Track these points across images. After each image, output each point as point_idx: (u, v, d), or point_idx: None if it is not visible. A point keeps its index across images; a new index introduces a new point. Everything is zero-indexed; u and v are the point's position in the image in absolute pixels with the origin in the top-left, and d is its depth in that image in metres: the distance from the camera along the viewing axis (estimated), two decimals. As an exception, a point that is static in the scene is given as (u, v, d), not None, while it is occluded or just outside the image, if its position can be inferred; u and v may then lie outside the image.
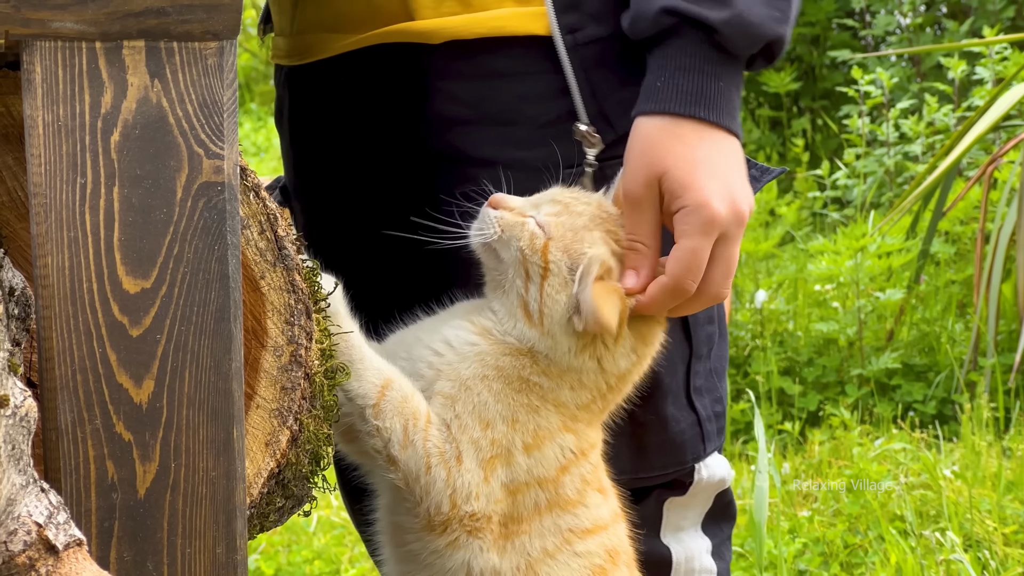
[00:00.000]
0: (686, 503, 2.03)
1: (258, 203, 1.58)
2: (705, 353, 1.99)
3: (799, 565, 3.70)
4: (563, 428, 1.74)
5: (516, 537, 1.72)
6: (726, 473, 2.05)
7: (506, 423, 1.72)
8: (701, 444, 1.99)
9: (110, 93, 1.40)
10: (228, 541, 1.46)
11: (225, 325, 1.44)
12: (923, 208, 5.30)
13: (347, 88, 2.00)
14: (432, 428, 1.71)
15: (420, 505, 1.72)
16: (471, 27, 1.87)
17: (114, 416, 1.42)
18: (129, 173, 1.41)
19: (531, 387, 1.74)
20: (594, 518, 1.76)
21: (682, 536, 2.04)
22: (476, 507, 1.70)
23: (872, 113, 6.81)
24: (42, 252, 1.39)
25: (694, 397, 1.98)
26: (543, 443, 1.73)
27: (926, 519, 3.85)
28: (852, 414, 4.65)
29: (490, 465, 1.71)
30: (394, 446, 1.70)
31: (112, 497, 1.43)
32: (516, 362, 1.74)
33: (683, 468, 1.99)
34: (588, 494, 1.76)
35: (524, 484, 1.72)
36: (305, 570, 3.91)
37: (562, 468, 1.73)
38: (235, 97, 1.44)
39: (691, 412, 1.98)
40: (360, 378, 1.70)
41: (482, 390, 1.73)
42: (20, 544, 1.28)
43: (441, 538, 1.72)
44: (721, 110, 1.75)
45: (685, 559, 2.03)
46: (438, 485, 1.70)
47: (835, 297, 5.45)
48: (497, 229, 1.75)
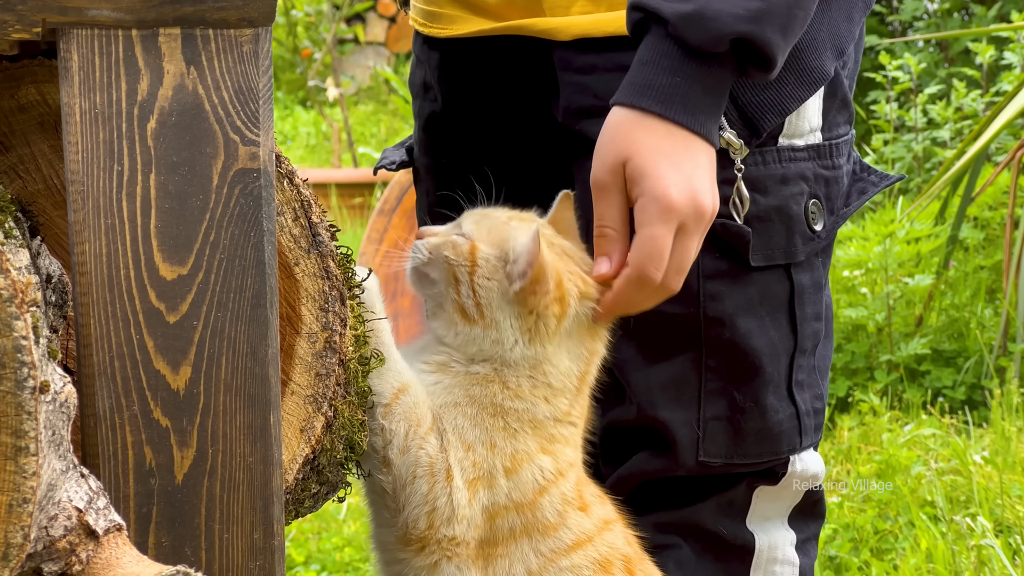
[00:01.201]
0: (777, 494, 2.03)
1: (292, 189, 1.59)
2: (810, 348, 2.00)
3: (829, 551, 3.70)
4: (540, 451, 1.73)
5: (495, 560, 1.72)
6: (819, 470, 2.05)
7: (485, 447, 1.71)
8: (798, 437, 2.00)
9: (146, 80, 1.40)
10: (265, 527, 1.47)
11: (261, 311, 1.45)
12: (952, 194, 5.28)
13: (481, 69, 2.04)
14: (431, 437, 1.70)
15: (399, 515, 1.71)
16: (600, 26, 1.90)
17: (152, 402, 1.43)
18: (165, 160, 1.41)
19: (506, 412, 1.73)
20: (576, 535, 1.75)
21: (767, 525, 2.04)
22: (457, 531, 1.69)
23: (900, 99, 6.79)
24: (79, 239, 1.40)
25: (795, 390, 1.98)
26: (521, 466, 1.72)
27: (956, 505, 3.85)
28: (881, 400, 4.64)
29: (472, 487, 1.70)
30: (392, 449, 1.70)
31: (150, 483, 1.43)
32: (486, 391, 1.74)
33: (778, 458, 1.99)
34: (569, 515, 1.75)
35: (503, 508, 1.71)
36: (335, 557, 3.92)
37: (540, 491, 1.72)
38: (270, 84, 1.45)
39: (791, 404, 1.98)
40: (381, 376, 1.71)
41: (457, 415, 1.72)
42: (61, 529, 1.28)
43: (418, 558, 1.71)
44: (687, 109, 1.75)
45: (768, 547, 2.04)
46: (416, 498, 1.70)
47: (864, 283, 5.44)
48: (425, 253, 1.77)
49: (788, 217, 1.94)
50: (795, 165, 1.94)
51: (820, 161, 1.97)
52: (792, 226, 1.94)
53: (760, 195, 1.91)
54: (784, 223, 1.93)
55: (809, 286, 1.99)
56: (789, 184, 1.94)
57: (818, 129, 1.97)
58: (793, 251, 1.95)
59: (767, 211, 1.92)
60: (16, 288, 1.21)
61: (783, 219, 1.93)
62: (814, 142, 1.96)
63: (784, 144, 1.94)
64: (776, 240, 1.93)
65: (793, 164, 1.94)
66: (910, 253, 5.20)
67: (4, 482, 1.22)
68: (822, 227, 1.97)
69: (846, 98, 2.01)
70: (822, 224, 1.97)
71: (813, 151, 1.96)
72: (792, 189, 1.94)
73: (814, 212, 1.96)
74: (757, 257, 1.92)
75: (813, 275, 1.99)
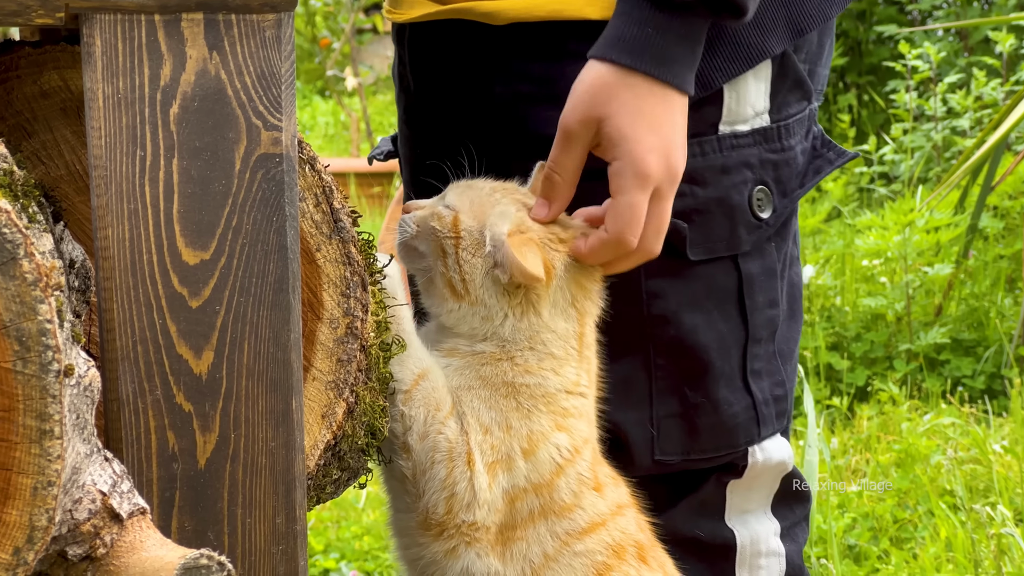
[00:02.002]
0: (748, 485, 2.02)
1: (314, 175, 1.59)
2: (765, 336, 1.98)
3: (848, 540, 3.70)
4: (556, 428, 1.74)
5: (513, 544, 1.72)
6: (786, 456, 2.03)
7: (501, 429, 1.72)
8: (756, 427, 1.98)
9: (169, 66, 1.41)
10: (288, 511, 1.47)
11: (284, 296, 1.45)
12: (971, 183, 5.27)
13: (440, 55, 2.03)
14: (451, 421, 1.71)
15: (419, 500, 1.72)
16: (532, 11, 1.88)
17: (174, 387, 1.43)
18: (188, 145, 1.41)
19: (518, 389, 1.73)
20: (590, 517, 1.75)
21: (748, 519, 2.04)
22: (477, 516, 1.70)
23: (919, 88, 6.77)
24: (102, 224, 1.40)
25: (751, 380, 1.97)
26: (538, 446, 1.72)
27: (976, 494, 3.84)
28: (901, 389, 4.64)
29: (492, 470, 1.70)
30: (412, 435, 1.70)
31: (173, 467, 1.44)
32: (496, 369, 1.74)
33: (735, 451, 1.98)
34: (584, 495, 1.75)
35: (523, 491, 1.71)
36: (354, 545, 3.92)
37: (557, 470, 1.73)
38: (292, 69, 1.45)
39: (746, 395, 1.97)
40: (401, 363, 1.71)
41: (472, 398, 1.73)
42: (85, 512, 1.29)
43: (437, 543, 1.71)
44: (660, 60, 1.73)
45: (750, 542, 2.03)
46: (435, 483, 1.70)
47: (883, 272, 5.43)
48: (412, 226, 1.79)
49: (730, 208, 1.91)
50: (737, 153, 1.92)
51: (767, 145, 1.94)
52: (735, 216, 1.92)
53: (699, 187, 1.89)
54: (726, 214, 1.91)
55: (760, 274, 1.96)
56: (731, 173, 1.91)
57: (764, 112, 1.94)
58: (737, 242, 1.93)
59: (706, 203, 1.90)
60: (41, 272, 1.21)
61: (724, 210, 1.91)
62: (760, 125, 1.94)
63: (725, 131, 1.91)
64: (718, 232, 1.91)
65: (736, 152, 1.92)
66: (929, 242, 5.20)
67: (29, 465, 1.22)
68: (770, 213, 1.94)
69: (800, 78, 1.97)
70: (770, 210, 1.94)
71: (759, 135, 1.94)
72: (734, 179, 1.92)
73: (760, 199, 1.93)
74: (697, 251, 1.90)
75: (765, 262, 1.97)
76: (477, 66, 1.96)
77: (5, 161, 1.29)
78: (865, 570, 3.59)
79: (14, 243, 1.21)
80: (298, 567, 1.48)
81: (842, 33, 7.70)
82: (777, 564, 2.05)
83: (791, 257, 2.04)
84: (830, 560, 3.42)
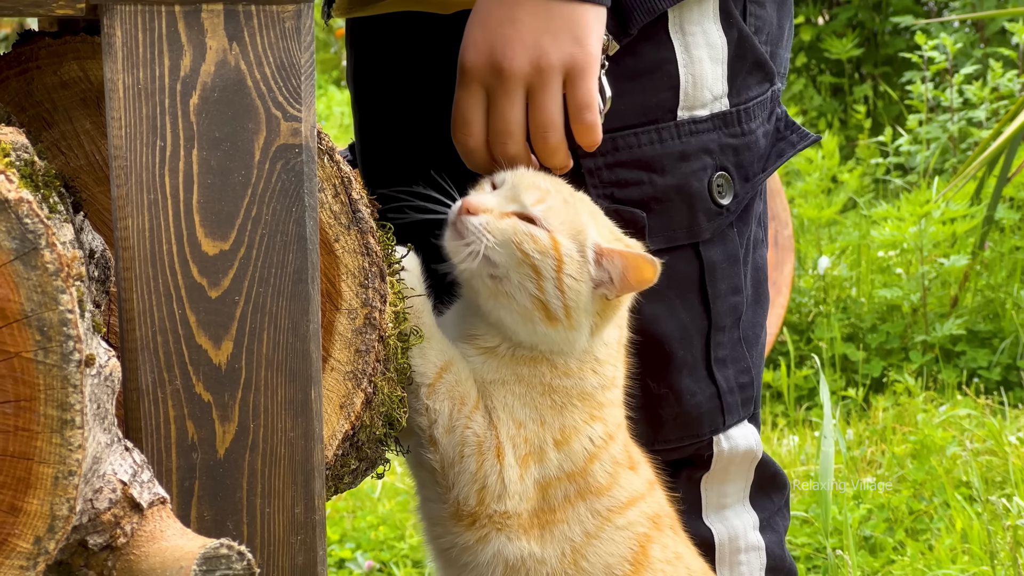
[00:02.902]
0: (721, 479, 2.01)
1: (332, 166, 1.59)
2: (730, 324, 1.96)
3: (864, 531, 3.70)
4: (590, 419, 1.74)
5: (553, 526, 1.72)
6: (754, 443, 2.02)
7: (535, 423, 1.71)
8: (720, 416, 1.97)
9: (189, 56, 1.41)
10: (307, 501, 1.48)
11: (303, 287, 1.45)
12: (988, 174, 5.26)
13: (389, 50, 2.02)
14: (477, 415, 1.70)
15: (449, 492, 1.72)
16: None
17: (194, 377, 1.43)
18: (208, 136, 1.42)
19: (554, 390, 1.73)
20: (628, 493, 1.76)
21: (726, 514, 2.03)
22: (509, 506, 1.70)
23: (935, 79, 6.76)
24: (122, 214, 1.41)
25: (715, 368, 1.95)
26: (571, 439, 1.72)
27: (992, 485, 3.84)
28: (916, 380, 4.63)
29: (524, 463, 1.70)
30: (438, 428, 1.70)
31: (192, 457, 1.44)
32: (534, 371, 1.73)
33: (700, 441, 1.97)
34: (620, 475, 1.75)
35: (556, 479, 1.71)
36: (370, 535, 3.93)
37: (590, 458, 1.73)
38: (312, 60, 1.45)
39: (710, 384, 1.95)
40: (424, 355, 1.70)
41: (506, 394, 1.72)
42: (106, 502, 1.29)
43: (469, 532, 1.71)
44: None
45: (729, 539, 2.02)
46: (465, 477, 1.70)
47: (899, 263, 5.42)
48: (488, 237, 1.70)
49: (689, 195, 1.89)
50: (696, 139, 1.90)
51: (727, 130, 1.92)
52: (694, 204, 1.90)
53: (657, 175, 1.87)
54: (685, 202, 1.89)
55: (722, 261, 1.94)
56: (690, 160, 1.89)
57: (723, 96, 1.92)
58: (697, 230, 1.91)
59: (665, 191, 1.88)
60: (62, 262, 1.22)
61: (683, 198, 1.89)
62: (719, 110, 1.91)
63: (684, 117, 1.89)
64: (677, 220, 1.89)
65: (694, 138, 1.89)
66: (945, 233, 5.19)
67: (50, 455, 1.23)
68: (731, 199, 1.92)
69: (760, 60, 1.95)
70: (731, 196, 1.92)
71: (719, 120, 1.91)
72: (693, 165, 1.89)
73: (721, 185, 1.91)
74: (656, 240, 1.88)
75: (727, 248, 1.95)
76: (429, 58, 1.95)
77: (26, 151, 1.29)
78: (880, 561, 3.58)
79: (36, 233, 1.21)
80: (316, 557, 1.49)
81: (858, 24, 7.68)
82: (757, 559, 2.04)
83: (755, 240, 2.01)
84: (845, 551, 3.42)
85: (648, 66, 1.87)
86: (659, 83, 1.87)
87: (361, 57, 2.08)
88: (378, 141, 2.07)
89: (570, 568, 1.71)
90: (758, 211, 2.01)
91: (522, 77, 1.74)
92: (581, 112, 1.76)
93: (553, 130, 1.76)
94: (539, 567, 1.71)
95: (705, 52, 1.89)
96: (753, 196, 1.96)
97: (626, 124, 1.85)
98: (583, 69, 1.74)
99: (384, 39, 2.03)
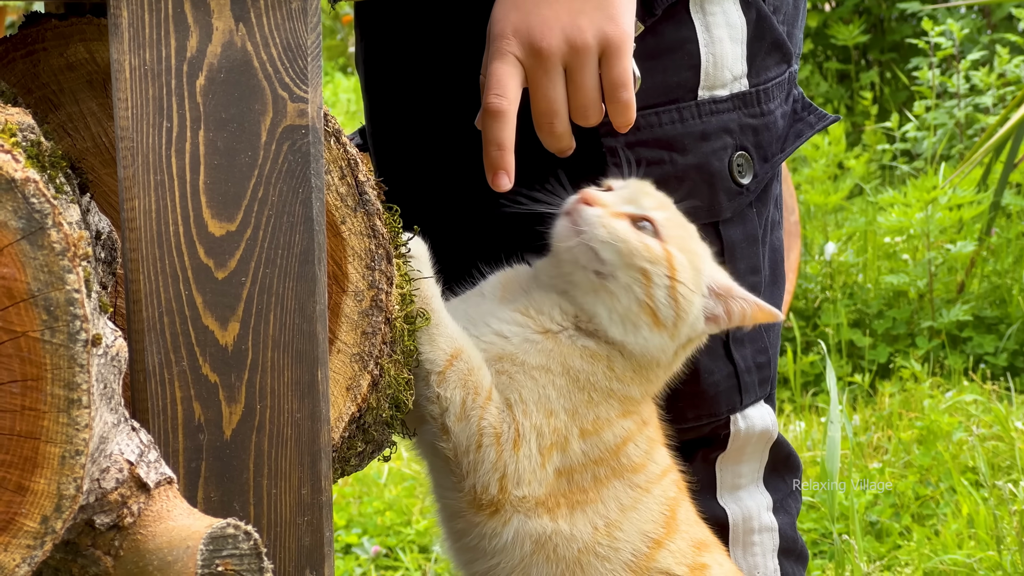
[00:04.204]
0: (737, 459, 2.01)
1: (339, 148, 1.59)
2: None
3: (870, 516, 3.70)
4: (624, 415, 1.74)
5: (585, 506, 1.72)
6: (770, 424, 2.02)
7: (567, 414, 1.71)
8: (738, 395, 1.98)
9: (195, 37, 1.41)
10: (313, 482, 1.48)
11: (309, 268, 1.45)
12: (994, 160, 5.25)
13: (400, 34, 2.01)
14: (491, 405, 1.70)
15: (465, 480, 1.71)
16: None
17: (200, 358, 1.43)
18: (214, 117, 1.42)
19: (597, 388, 1.73)
20: (662, 466, 1.77)
21: (741, 495, 2.03)
22: (528, 491, 1.70)
23: (942, 65, 6.75)
24: (129, 195, 1.41)
25: (733, 348, 1.96)
26: (601, 430, 1.72)
27: (998, 471, 3.84)
28: (923, 366, 4.63)
29: (548, 452, 1.70)
30: (450, 417, 1.70)
31: (199, 438, 1.44)
32: (589, 367, 1.73)
33: (717, 420, 1.98)
34: (655, 451, 1.77)
35: (580, 466, 1.72)
36: (376, 521, 3.93)
37: (623, 442, 1.73)
38: (319, 41, 1.45)
39: (728, 363, 1.96)
40: (433, 342, 1.69)
41: (546, 384, 1.71)
42: (112, 481, 1.29)
43: (493, 520, 1.71)
44: None
45: (743, 519, 2.02)
46: (485, 465, 1.70)
47: (905, 249, 5.42)
48: (602, 232, 1.71)
49: (710, 175, 1.90)
50: (716, 118, 1.90)
51: (746, 110, 1.92)
52: (715, 183, 1.90)
53: (678, 154, 1.88)
54: (705, 181, 1.90)
55: (741, 241, 1.95)
56: (710, 140, 1.90)
57: (743, 76, 1.92)
58: (717, 209, 1.91)
59: (686, 170, 1.89)
60: (69, 241, 1.22)
61: (704, 177, 1.89)
62: (739, 90, 1.92)
63: (704, 97, 1.90)
64: (698, 199, 1.89)
65: (715, 117, 1.90)
66: (952, 219, 5.18)
67: (57, 434, 1.23)
68: (751, 179, 1.93)
69: (778, 40, 1.96)
70: (751, 176, 1.93)
71: (739, 100, 1.92)
72: (713, 145, 1.90)
73: (741, 165, 1.91)
74: None
75: (746, 228, 1.95)
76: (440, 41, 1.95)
77: (33, 132, 1.29)
78: (887, 546, 3.59)
79: (42, 213, 1.21)
80: (323, 538, 1.49)
81: (865, 10, 7.67)
82: (771, 539, 2.05)
83: (772, 222, 2.02)
84: (852, 536, 3.42)
85: (669, 46, 1.88)
86: (680, 63, 1.87)
87: (371, 41, 2.07)
88: (390, 126, 2.07)
89: (603, 539, 1.72)
90: (776, 192, 2.01)
91: (560, 56, 1.73)
92: (617, 90, 1.76)
93: (593, 109, 1.76)
94: (568, 543, 1.72)
95: (725, 32, 1.89)
96: (772, 177, 1.96)
97: (647, 103, 1.85)
98: (618, 47, 1.74)
99: (394, 22, 2.02)
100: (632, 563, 1.73)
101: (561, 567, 1.72)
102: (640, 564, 1.73)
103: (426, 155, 2.01)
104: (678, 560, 1.74)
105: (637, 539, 1.73)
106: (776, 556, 2.05)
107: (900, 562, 3.50)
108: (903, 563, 3.49)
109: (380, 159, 2.09)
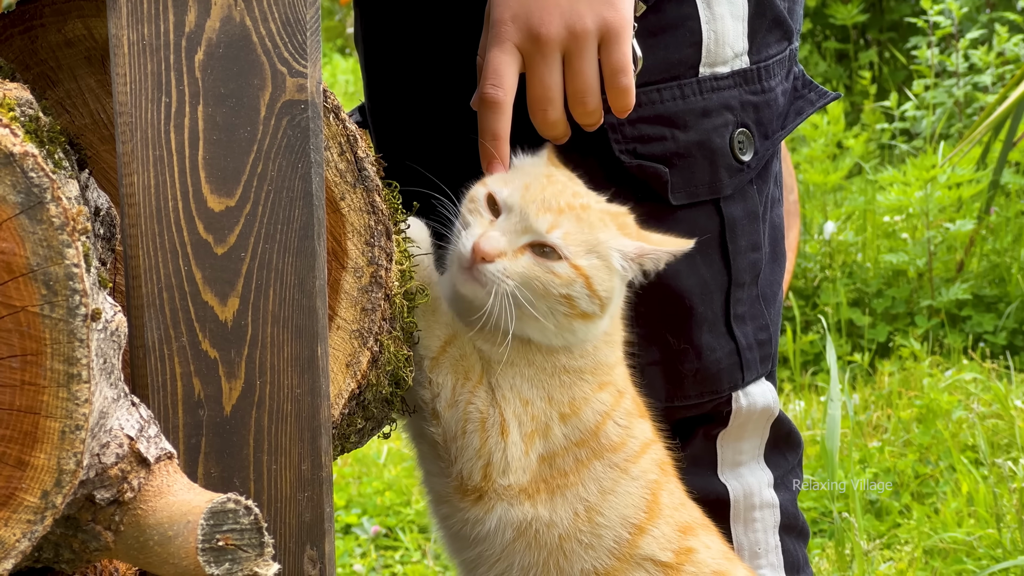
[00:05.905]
0: (738, 436, 2.01)
1: (338, 124, 1.59)
2: (749, 280, 1.97)
3: (870, 495, 3.70)
4: (599, 388, 1.74)
5: (566, 490, 1.72)
6: (771, 400, 2.02)
7: (543, 401, 1.71)
8: (739, 372, 1.98)
9: (194, 12, 1.40)
10: (313, 458, 1.48)
11: (309, 243, 1.45)
12: (993, 139, 5.25)
13: (399, 11, 2.01)
14: (480, 390, 1.70)
15: (452, 466, 1.72)
16: None
17: (200, 333, 1.43)
18: (213, 92, 1.41)
19: (567, 370, 1.73)
20: (641, 441, 1.76)
21: (741, 471, 2.03)
22: (512, 480, 1.70)
23: (941, 44, 6.74)
24: (128, 171, 1.40)
25: (734, 325, 1.96)
26: (580, 409, 1.72)
27: (998, 449, 3.84)
28: (922, 345, 4.63)
29: (530, 439, 1.70)
30: (440, 402, 1.70)
31: (199, 414, 1.44)
32: (549, 357, 1.73)
33: (719, 397, 1.98)
34: (633, 425, 1.76)
35: (563, 449, 1.72)
36: (376, 501, 3.93)
37: (603, 420, 1.73)
38: (317, 15, 1.44)
39: (730, 340, 1.96)
40: (428, 329, 1.70)
41: (514, 375, 1.72)
42: (113, 456, 1.29)
43: (476, 507, 1.72)
44: None
45: (744, 495, 2.02)
46: (468, 452, 1.70)
47: (904, 228, 5.42)
48: (510, 283, 1.68)
49: (711, 151, 1.90)
50: (718, 95, 1.90)
51: (748, 87, 1.93)
52: (716, 160, 1.90)
53: (680, 131, 1.88)
54: (707, 158, 1.90)
55: (742, 217, 1.95)
56: (711, 116, 1.90)
57: (744, 53, 1.92)
58: (719, 185, 1.92)
59: (687, 147, 1.89)
60: (67, 216, 1.21)
61: (705, 154, 1.90)
62: (740, 67, 1.92)
63: (705, 74, 1.90)
64: (699, 176, 1.90)
65: (716, 94, 1.90)
66: (951, 198, 5.18)
67: (57, 409, 1.23)
68: (752, 156, 1.93)
69: (779, 17, 1.96)
70: (752, 153, 1.93)
71: (740, 77, 1.92)
72: (715, 121, 1.90)
73: (742, 142, 1.92)
74: (679, 196, 1.89)
75: (747, 205, 1.95)
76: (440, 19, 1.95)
77: (31, 107, 1.29)
78: (887, 525, 3.59)
79: (41, 187, 1.21)
80: (323, 513, 1.49)
81: (863, -11, 7.66)
82: (772, 515, 2.05)
83: (772, 199, 2.02)
84: (852, 515, 3.42)
85: (671, 22, 1.87)
86: (682, 39, 1.87)
87: (370, 19, 2.07)
88: (389, 103, 2.07)
89: (584, 525, 1.72)
90: (775, 170, 2.01)
91: (559, 42, 1.74)
92: (616, 76, 1.76)
93: (591, 95, 1.76)
94: (548, 529, 1.71)
95: (727, 9, 1.89)
96: (772, 154, 1.96)
97: (649, 80, 1.85)
98: (618, 33, 1.74)
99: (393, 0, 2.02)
100: (615, 550, 1.73)
101: (543, 555, 1.72)
102: (623, 551, 1.73)
103: (425, 132, 2.00)
104: (662, 546, 1.74)
105: (618, 525, 1.73)
106: (777, 532, 2.05)
107: (900, 540, 3.50)
108: (903, 541, 3.49)
109: (379, 136, 2.09)
